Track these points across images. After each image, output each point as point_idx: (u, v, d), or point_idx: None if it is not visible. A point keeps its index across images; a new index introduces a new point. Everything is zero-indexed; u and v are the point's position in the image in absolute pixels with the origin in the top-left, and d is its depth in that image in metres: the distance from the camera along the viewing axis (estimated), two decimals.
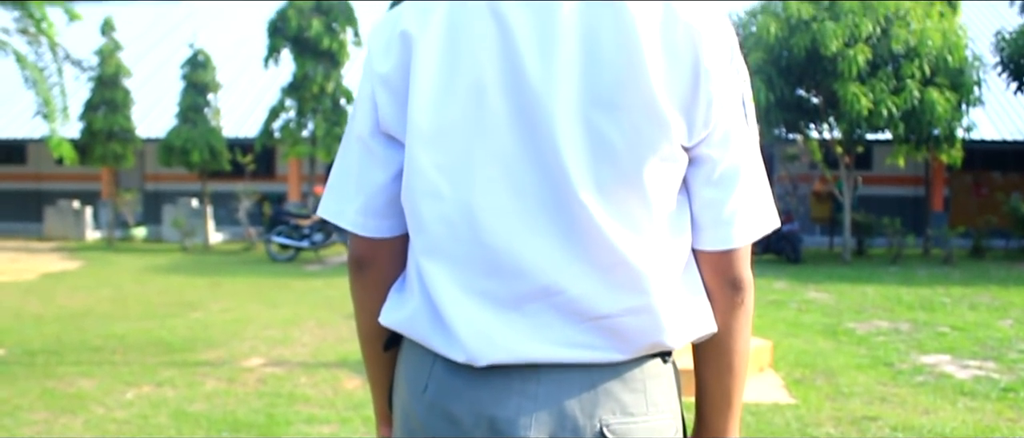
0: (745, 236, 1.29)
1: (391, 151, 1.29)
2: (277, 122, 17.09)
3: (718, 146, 1.25)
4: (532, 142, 1.21)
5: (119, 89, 18.28)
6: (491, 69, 1.22)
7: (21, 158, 22.84)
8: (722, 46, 1.24)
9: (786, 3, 14.08)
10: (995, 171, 19.99)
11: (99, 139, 18.04)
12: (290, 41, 16.69)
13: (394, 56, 1.26)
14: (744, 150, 1.28)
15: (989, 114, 18.08)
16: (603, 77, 1.20)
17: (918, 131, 14.38)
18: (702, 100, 1.22)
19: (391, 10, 1.33)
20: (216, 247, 18.17)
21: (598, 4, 1.22)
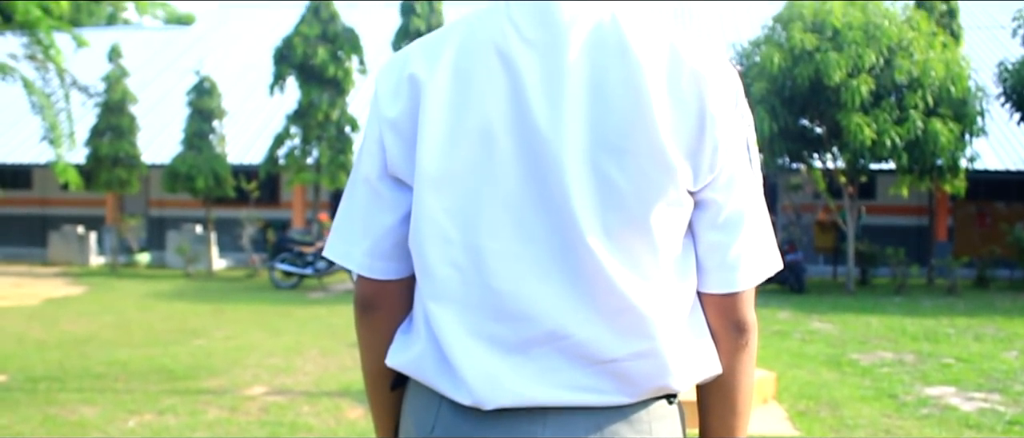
0: (749, 279, 1.30)
1: (399, 194, 1.30)
2: (282, 149, 17.13)
3: (723, 190, 1.26)
4: (540, 186, 1.22)
5: (125, 115, 18.36)
6: (499, 113, 1.23)
7: (27, 183, 22.91)
8: (727, 91, 1.26)
9: (789, 34, 14.13)
10: (999, 201, 19.97)
11: (104, 165, 18.10)
12: (296, 69, 16.78)
13: (403, 100, 1.27)
14: (748, 194, 1.29)
15: (992, 144, 18.09)
16: (610, 122, 1.21)
17: (921, 161, 14.39)
18: (708, 145, 1.23)
19: (399, 52, 1.34)
20: (220, 273, 18.18)
21: (605, 49, 1.23)
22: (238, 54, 24.25)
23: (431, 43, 1.30)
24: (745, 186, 1.28)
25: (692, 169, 1.23)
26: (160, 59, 24.97)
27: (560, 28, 1.24)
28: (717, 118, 1.23)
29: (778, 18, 14.94)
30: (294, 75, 16.90)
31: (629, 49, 1.22)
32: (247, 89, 21.96)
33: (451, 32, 1.29)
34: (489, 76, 1.24)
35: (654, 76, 1.21)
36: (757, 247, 1.30)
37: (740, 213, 1.28)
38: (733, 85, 1.27)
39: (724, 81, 1.26)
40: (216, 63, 22.47)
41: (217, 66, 21.93)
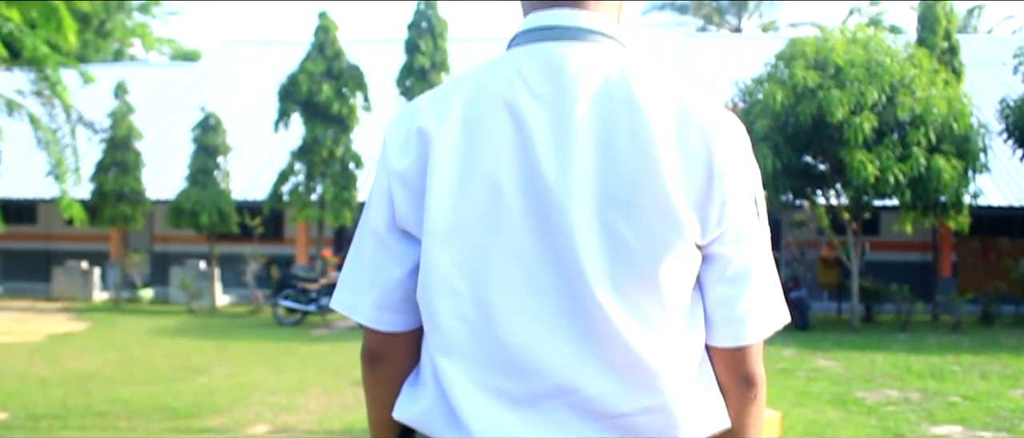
0: (758, 333, 1.30)
1: (407, 247, 1.30)
2: (286, 185, 17.17)
3: (731, 244, 1.27)
4: (548, 240, 1.22)
5: (130, 151, 18.43)
6: (508, 167, 1.24)
7: (31, 218, 22.95)
8: (735, 146, 1.27)
9: (792, 71, 14.20)
10: (1003, 236, 19.94)
11: (109, 200, 18.15)
12: (300, 105, 16.86)
13: (412, 153, 1.28)
14: (756, 248, 1.29)
15: (995, 180, 18.10)
16: (619, 177, 1.21)
17: (925, 198, 14.39)
18: (716, 200, 1.24)
19: (408, 105, 1.35)
20: (223, 309, 18.15)
21: (614, 104, 1.24)
22: (243, 91, 24.38)
23: (440, 96, 1.31)
24: (753, 241, 1.29)
25: (700, 223, 1.24)
26: (165, 95, 25.11)
27: (569, 82, 1.25)
28: (725, 172, 1.24)
29: (780, 55, 15.01)
30: (299, 112, 16.98)
31: (637, 104, 1.23)
32: (252, 125, 22.06)
33: (460, 85, 1.30)
34: (498, 130, 1.25)
35: (662, 131, 1.22)
36: (765, 301, 1.30)
37: (748, 267, 1.28)
38: (740, 140, 1.28)
39: (732, 136, 1.27)
40: (221, 100, 22.59)
41: (222, 103, 22.04)
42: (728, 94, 17.13)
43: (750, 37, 29.31)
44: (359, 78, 17.06)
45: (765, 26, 36.63)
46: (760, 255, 1.30)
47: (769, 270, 1.31)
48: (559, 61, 1.27)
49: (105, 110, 18.79)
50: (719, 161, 1.24)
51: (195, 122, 18.16)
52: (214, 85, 24.97)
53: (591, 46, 1.29)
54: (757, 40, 26.77)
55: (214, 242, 18.31)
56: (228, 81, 25.44)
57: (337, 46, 17.12)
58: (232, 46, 28.64)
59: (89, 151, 17.88)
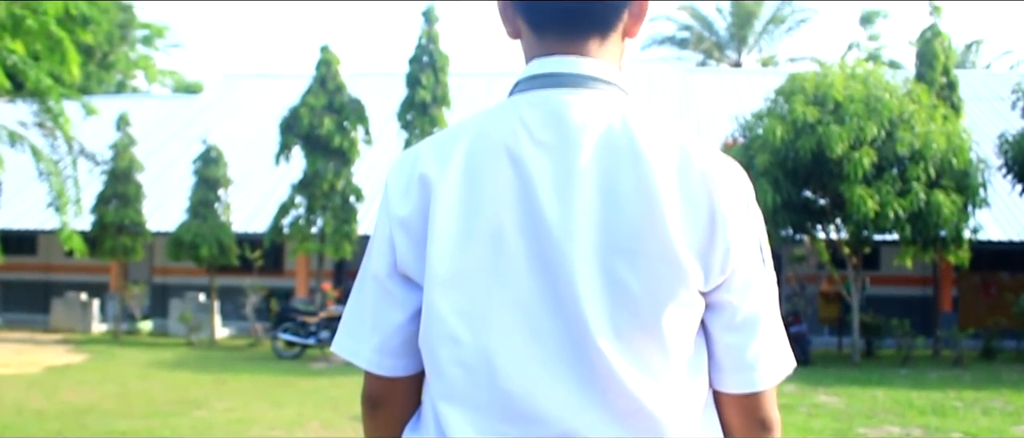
0: (771, 378, 1.31)
1: (409, 292, 1.30)
2: (286, 218, 17.19)
3: (738, 292, 1.27)
4: (551, 288, 1.23)
5: (132, 183, 18.47)
6: (510, 214, 1.24)
7: (31, 249, 22.95)
8: (738, 193, 1.27)
9: (792, 106, 14.26)
10: (1003, 271, 19.93)
11: (109, 232, 18.15)
12: (301, 139, 16.92)
13: (413, 200, 1.28)
14: (763, 295, 1.30)
15: (995, 215, 18.11)
16: (622, 224, 1.22)
17: (925, 232, 14.40)
18: (719, 247, 1.24)
19: (409, 150, 1.36)
20: (222, 342, 18.10)
21: (616, 152, 1.25)
22: (245, 123, 24.46)
23: (442, 142, 1.31)
24: (760, 288, 1.29)
25: (703, 270, 1.24)
26: (167, 127, 25.20)
27: (571, 130, 1.26)
28: (728, 219, 1.25)
29: (780, 91, 15.09)
30: (300, 145, 17.03)
31: (640, 151, 1.24)
32: (253, 158, 22.11)
33: (462, 131, 1.31)
34: (500, 177, 1.25)
35: (665, 178, 1.23)
36: (775, 347, 1.31)
37: (756, 315, 1.29)
38: (743, 187, 1.29)
39: (734, 183, 1.27)
40: (223, 132, 22.66)
41: (224, 135, 22.11)
42: (728, 129, 17.20)
43: (750, 72, 29.45)
44: (360, 112, 17.13)
45: (765, 61, 36.83)
46: (767, 302, 1.31)
47: (776, 317, 1.32)
48: (561, 108, 1.28)
49: (107, 141, 18.85)
50: (722, 208, 1.24)
51: (196, 154, 18.20)
52: (216, 117, 25.06)
53: (593, 93, 1.30)
54: (757, 75, 26.90)
55: (214, 274, 18.30)
56: (230, 114, 25.54)
57: (339, 80, 17.20)
58: (234, 79, 28.78)
59: (90, 182, 17.91)
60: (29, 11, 14.00)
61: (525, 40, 1.38)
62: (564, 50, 1.33)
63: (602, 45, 1.34)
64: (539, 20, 1.34)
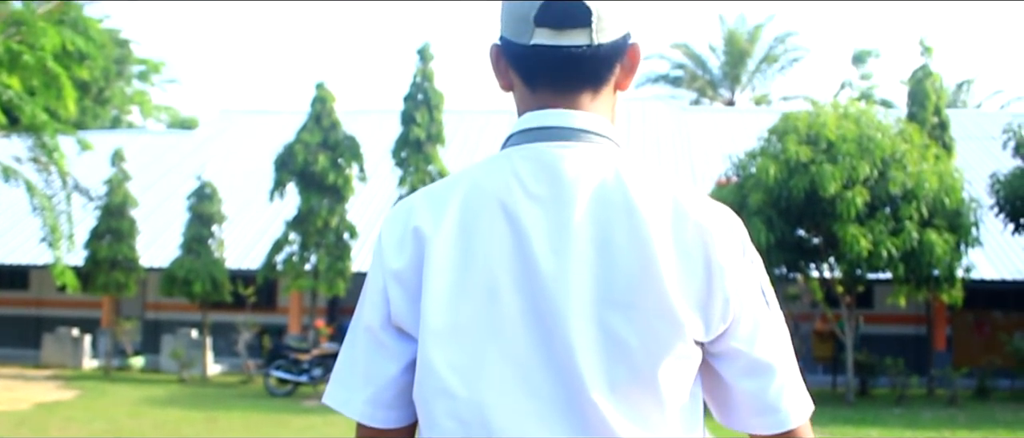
0: (800, 414, 1.31)
1: (402, 344, 1.30)
2: (280, 255, 17.17)
3: (746, 340, 1.28)
4: (546, 342, 1.23)
5: (125, 219, 18.45)
6: (504, 268, 1.25)
7: (23, 283, 22.86)
8: (733, 242, 1.28)
9: (785, 146, 14.34)
10: (997, 310, 19.95)
11: (102, 268, 18.11)
12: (296, 175, 16.95)
13: (407, 253, 1.29)
14: (773, 338, 1.30)
15: (988, 254, 18.17)
16: (617, 278, 1.22)
17: (918, 272, 14.44)
18: (718, 297, 1.25)
19: (403, 203, 1.36)
20: (214, 379, 18.00)
21: (610, 205, 1.25)
22: (240, 159, 24.50)
23: (436, 196, 1.32)
24: (768, 331, 1.30)
25: (703, 321, 1.25)
26: (162, 163, 25.22)
27: (565, 184, 1.27)
28: (725, 269, 1.26)
29: (773, 130, 15.18)
30: (294, 182, 17.06)
31: (633, 205, 1.25)
32: (247, 194, 22.12)
33: (456, 185, 1.32)
34: (494, 232, 1.26)
35: (659, 231, 1.24)
36: (795, 384, 1.31)
37: (770, 358, 1.30)
38: (738, 234, 1.30)
39: (729, 232, 1.28)
40: (218, 168, 22.69)
41: (219, 171, 22.13)
42: (722, 167, 17.28)
43: (743, 110, 29.65)
44: (355, 149, 17.18)
45: (758, 99, 37.06)
46: (779, 344, 1.31)
47: (790, 357, 1.33)
48: (554, 162, 1.29)
49: (101, 176, 18.85)
50: (718, 258, 1.25)
51: (191, 190, 18.21)
52: (211, 153, 25.10)
53: (586, 147, 1.31)
54: (750, 113, 27.07)
55: (207, 310, 18.24)
56: (225, 149, 25.59)
57: (334, 117, 17.27)
58: (230, 115, 28.87)
59: (84, 218, 17.89)
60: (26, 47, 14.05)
61: (518, 93, 1.39)
62: (557, 103, 1.34)
63: (595, 98, 1.36)
64: (532, 74, 1.35)
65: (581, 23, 1.31)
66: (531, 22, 1.31)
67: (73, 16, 17.24)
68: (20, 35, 14.43)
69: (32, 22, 14.29)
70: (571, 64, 1.33)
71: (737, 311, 1.27)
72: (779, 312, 1.34)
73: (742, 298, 1.27)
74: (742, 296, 1.27)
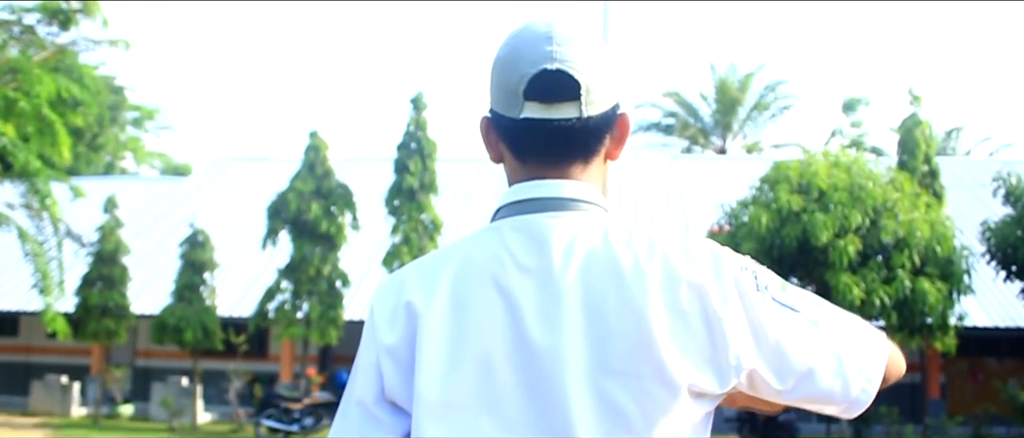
0: (867, 390, 1.32)
1: (395, 418, 1.30)
2: (272, 303, 17.11)
3: (778, 364, 1.27)
4: (542, 414, 1.22)
5: (117, 265, 18.40)
6: (498, 342, 1.24)
7: (13, 330, 22.72)
8: (729, 287, 1.27)
9: (776, 195, 14.39)
10: (990, 357, 19.93)
11: (93, 315, 18.01)
12: (289, 223, 16.95)
13: (400, 327, 1.29)
14: (806, 343, 1.29)
15: (980, 302, 18.19)
16: (612, 345, 1.22)
17: (911, 320, 14.43)
18: (725, 346, 1.24)
19: (395, 276, 1.36)
20: (204, 427, 17.83)
21: (600, 272, 1.25)
22: (233, 206, 24.50)
23: (427, 270, 1.32)
24: (799, 341, 1.28)
25: (715, 376, 1.24)
26: (155, 209, 25.20)
27: (555, 254, 1.28)
28: (725, 319, 1.24)
29: (765, 179, 15.24)
30: (287, 229, 17.06)
31: (624, 271, 1.25)
32: (240, 241, 22.08)
33: (447, 259, 1.32)
34: (487, 306, 1.26)
35: (652, 296, 1.24)
36: (847, 363, 1.30)
37: (812, 362, 1.28)
38: (732, 276, 1.28)
39: (723, 279, 1.27)
40: (210, 215, 22.67)
41: (211, 218, 22.11)
42: (714, 216, 17.32)
43: (735, 159, 29.82)
44: (348, 197, 17.21)
45: (749, 147, 37.26)
46: (814, 340, 1.29)
47: (832, 337, 1.30)
48: (544, 232, 1.30)
49: (94, 223, 18.83)
50: (717, 311, 1.24)
51: (183, 237, 18.19)
52: (204, 200, 25.10)
53: (575, 215, 1.32)
54: (742, 161, 27.24)
55: (198, 358, 18.12)
56: (218, 196, 25.59)
57: (327, 165, 17.31)
58: (223, 162, 28.92)
59: (75, 264, 17.85)
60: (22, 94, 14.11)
61: (508, 165, 1.40)
62: (547, 175, 1.35)
63: (585, 170, 1.37)
64: (522, 147, 1.37)
65: (570, 96, 1.32)
66: (520, 96, 1.32)
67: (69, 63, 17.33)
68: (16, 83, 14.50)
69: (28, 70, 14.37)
70: (561, 137, 1.34)
71: (749, 348, 1.26)
72: (802, 298, 1.32)
73: (750, 334, 1.26)
74: (750, 332, 1.26)
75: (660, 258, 1.27)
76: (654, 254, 1.27)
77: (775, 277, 1.34)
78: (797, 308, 1.30)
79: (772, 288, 1.31)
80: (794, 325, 1.28)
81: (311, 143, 17.42)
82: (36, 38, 15.77)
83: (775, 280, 1.32)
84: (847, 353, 1.31)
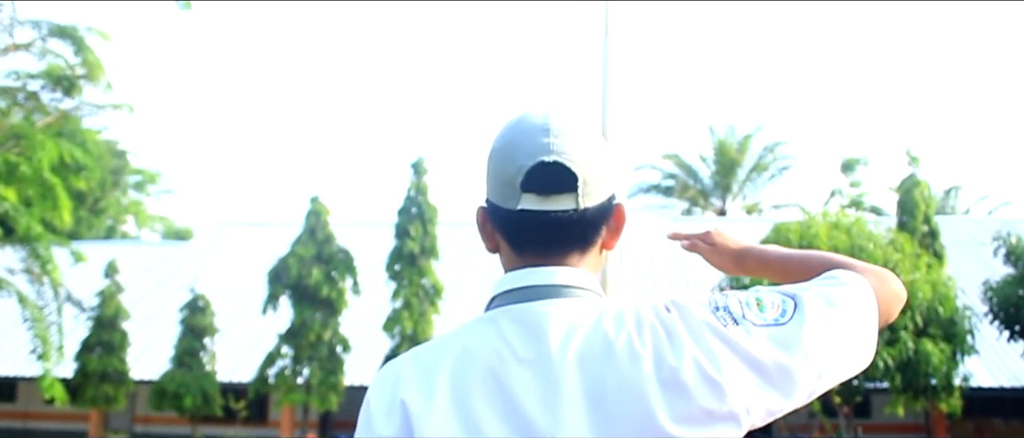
0: None
1: None
2: (272, 368, 17.01)
3: (797, 386, 1.29)
4: None
5: (117, 331, 18.33)
6: (499, 434, 1.24)
7: (10, 395, 22.56)
8: (710, 340, 1.26)
9: None
10: (996, 417, 19.74)
11: (92, 381, 17.89)
12: (289, 288, 16.94)
13: (396, 422, 1.28)
14: (808, 342, 1.30)
15: (984, 362, 18.08)
16: (615, 429, 1.22)
17: (915, 381, 14.32)
18: (729, 398, 1.24)
19: (391, 367, 1.35)
20: None
21: (596, 356, 1.25)
22: (234, 271, 24.48)
23: (424, 364, 1.31)
24: (792, 338, 1.30)
25: (729, 426, 1.24)
26: (155, 273, 25.19)
27: (552, 343, 1.28)
28: (723, 374, 1.24)
29: (765, 241, 15.24)
30: (288, 295, 17.03)
31: (619, 355, 1.25)
32: (240, 306, 22.04)
33: (444, 352, 1.32)
34: (487, 400, 1.26)
35: (648, 376, 1.24)
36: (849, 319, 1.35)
37: (816, 345, 1.30)
38: (704, 324, 1.28)
39: (699, 335, 1.27)
40: (211, 280, 22.65)
41: (212, 283, 22.09)
42: (715, 278, 17.30)
43: (735, 220, 29.88)
44: (349, 262, 17.22)
45: (749, 208, 37.33)
46: (807, 333, 1.30)
47: (818, 314, 1.33)
48: (540, 321, 1.30)
49: (95, 287, 18.79)
50: (709, 371, 1.24)
51: (184, 302, 18.14)
52: (205, 265, 25.09)
53: (570, 302, 1.32)
54: (742, 222, 27.29)
55: (197, 424, 17.95)
56: (219, 261, 25.59)
57: (328, 230, 17.35)
58: (225, 226, 28.99)
59: (75, 328, 17.77)
60: (24, 159, 14.19)
61: (504, 255, 1.41)
62: (542, 263, 1.36)
63: (581, 260, 1.38)
64: (519, 239, 1.37)
65: (567, 188, 1.33)
66: (517, 187, 1.33)
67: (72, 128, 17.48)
68: (19, 147, 14.59)
69: (31, 135, 14.47)
70: (558, 228, 1.35)
71: (760, 389, 1.26)
72: (780, 302, 1.33)
73: (757, 372, 1.26)
74: (756, 370, 1.26)
75: (650, 337, 1.27)
76: (643, 333, 1.27)
77: (748, 297, 1.33)
78: (781, 320, 1.31)
79: (750, 314, 1.30)
80: (785, 339, 1.29)
81: (312, 208, 17.48)
82: (40, 104, 15.92)
83: (750, 303, 1.32)
84: (843, 335, 1.33)
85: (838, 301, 1.35)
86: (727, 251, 1.73)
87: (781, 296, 1.35)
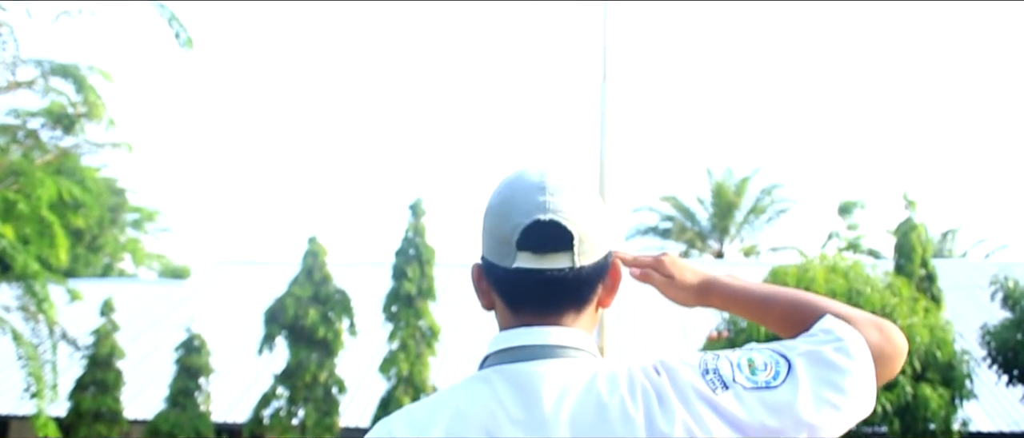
0: None
1: None
2: (268, 409, 16.92)
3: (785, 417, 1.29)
4: None
5: (112, 370, 18.23)
6: None
7: (3, 434, 22.35)
8: (699, 407, 1.27)
9: None
10: None
11: (85, 420, 17.77)
12: (286, 329, 16.90)
13: None
14: (801, 401, 1.30)
15: (983, 407, 17.98)
16: None
17: (913, 427, 14.25)
18: None
19: (385, 425, 1.35)
20: None
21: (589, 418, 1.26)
22: (230, 310, 24.40)
23: (418, 423, 1.32)
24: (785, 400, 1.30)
25: None
26: (151, 312, 25.10)
27: (545, 404, 1.28)
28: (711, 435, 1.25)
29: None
30: (284, 335, 16.99)
31: (612, 419, 1.26)
32: (236, 346, 21.92)
33: (437, 411, 1.32)
34: None
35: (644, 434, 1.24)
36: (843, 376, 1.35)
37: (808, 404, 1.30)
38: (692, 388, 1.28)
39: (688, 400, 1.27)
40: (207, 319, 22.56)
41: (208, 322, 22.00)
42: (713, 321, 17.26)
43: (732, 262, 29.85)
44: (346, 303, 17.20)
45: (747, 250, 37.34)
46: (801, 391, 1.30)
47: (811, 371, 1.34)
48: (534, 382, 1.30)
49: (90, 325, 18.70)
50: (697, 433, 1.25)
51: (179, 342, 18.07)
52: (201, 304, 25.01)
53: (564, 363, 1.33)
54: (739, 265, 27.27)
55: None
56: (215, 300, 25.53)
57: (325, 271, 17.35)
58: (222, 265, 28.94)
59: (69, 367, 17.67)
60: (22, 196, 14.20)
61: (499, 312, 1.42)
62: (537, 322, 1.37)
63: (577, 318, 1.38)
64: (514, 297, 1.38)
65: (563, 247, 1.34)
66: (513, 246, 1.34)
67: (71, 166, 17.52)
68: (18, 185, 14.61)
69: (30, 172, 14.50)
70: (554, 287, 1.36)
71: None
72: (773, 363, 1.33)
73: (743, 434, 1.26)
74: (742, 432, 1.26)
75: (642, 400, 1.27)
76: (636, 396, 1.27)
77: (740, 358, 1.33)
78: (773, 383, 1.30)
79: (740, 377, 1.30)
80: (776, 403, 1.29)
81: (310, 248, 17.48)
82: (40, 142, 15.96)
83: (742, 365, 1.32)
84: (837, 398, 1.32)
85: (834, 361, 1.35)
86: (686, 286, 1.62)
87: (775, 356, 1.34)
